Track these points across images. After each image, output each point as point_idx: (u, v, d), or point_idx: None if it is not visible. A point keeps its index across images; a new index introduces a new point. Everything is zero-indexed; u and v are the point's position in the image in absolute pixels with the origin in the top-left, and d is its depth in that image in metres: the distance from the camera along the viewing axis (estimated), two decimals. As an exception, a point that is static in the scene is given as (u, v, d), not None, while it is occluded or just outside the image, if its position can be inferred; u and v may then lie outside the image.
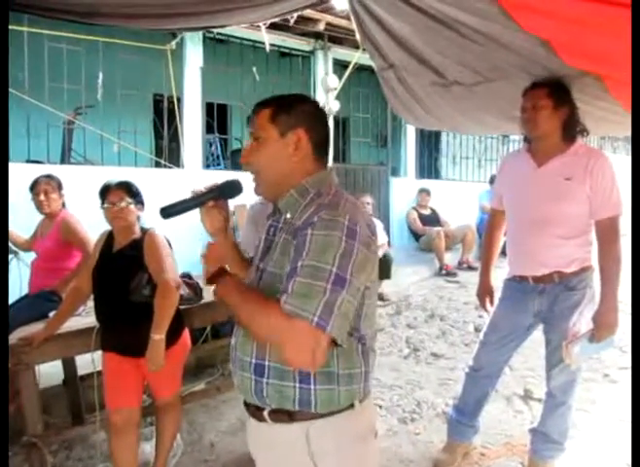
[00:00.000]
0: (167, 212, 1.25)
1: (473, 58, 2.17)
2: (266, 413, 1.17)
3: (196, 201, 1.27)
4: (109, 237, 2.29)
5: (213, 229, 1.32)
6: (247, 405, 1.24)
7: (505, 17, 1.62)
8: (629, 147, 11.80)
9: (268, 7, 2.26)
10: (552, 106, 2.11)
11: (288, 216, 1.18)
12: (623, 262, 2.08)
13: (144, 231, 2.24)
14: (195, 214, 1.31)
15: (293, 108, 1.19)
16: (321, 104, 1.28)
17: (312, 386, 1.11)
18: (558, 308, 2.20)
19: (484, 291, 2.51)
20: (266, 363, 1.13)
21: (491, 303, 2.48)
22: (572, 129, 2.17)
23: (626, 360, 3.74)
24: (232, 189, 1.30)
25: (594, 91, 2.11)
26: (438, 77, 2.44)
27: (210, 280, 1.18)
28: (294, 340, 1.00)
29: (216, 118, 6.07)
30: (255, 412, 1.20)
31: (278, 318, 1.01)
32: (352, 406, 1.16)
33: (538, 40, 1.74)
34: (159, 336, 2.06)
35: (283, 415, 1.15)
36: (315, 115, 1.22)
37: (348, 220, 1.06)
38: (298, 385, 1.11)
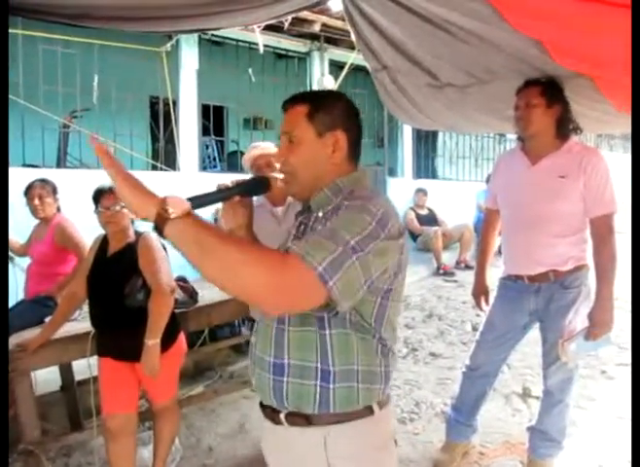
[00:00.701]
0: (197, 202, 1.16)
1: (465, 60, 2.17)
2: (282, 416, 1.14)
3: (224, 195, 1.21)
4: (103, 242, 2.28)
5: (236, 224, 1.25)
6: (263, 406, 1.20)
7: (497, 18, 1.62)
8: (627, 145, 11.83)
9: (264, 9, 2.25)
10: (545, 104, 2.11)
11: (320, 214, 1.14)
12: (618, 259, 2.08)
13: (138, 234, 2.23)
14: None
15: (330, 107, 1.16)
16: None
17: (332, 385, 1.08)
18: (554, 307, 2.20)
19: (480, 290, 2.51)
20: (286, 361, 1.10)
21: (486, 302, 2.48)
22: (565, 127, 2.17)
23: (624, 357, 3.75)
24: (260, 186, 1.26)
25: (588, 92, 2.11)
26: (431, 78, 2.44)
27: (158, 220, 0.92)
28: (283, 273, 0.90)
29: (212, 120, 6.07)
30: (271, 414, 1.17)
31: (270, 252, 0.95)
32: (372, 411, 1.13)
33: (530, 40, 1.74)
34: (153, 341, 2.05)
35: (300, 419, 1.12)
36: (351, 114, 1.19)
37: (381, 213, 1.03)
38: (319, 383, 1.08)
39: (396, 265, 1.08)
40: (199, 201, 1.16)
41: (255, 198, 2.33)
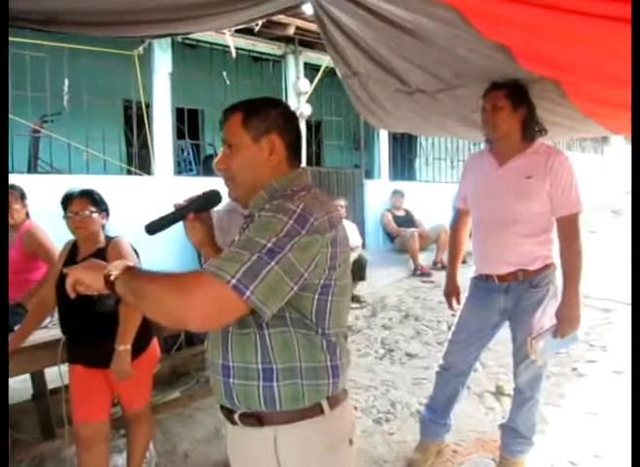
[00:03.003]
0: (152, 228, 1.24)
1: (434, 65, 2.20)
2: (236, 417, 1.17)
3: (177, 215, 1.26)
4: (73, 247, 2.25)
5: (198, 240, 1.33)
6: (221, 408, 1.23)
7: (464, 23, 1.65)
8: (597, 146, 12.09)
9: (235, 14, 2.25)
10: (511, 107, 2.16)
11: (257, 216, 1.13)
12: (583, 258, 2.14)
13: (109, 239, 2.21)
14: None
15: (264, 113, 1.19)
16: (293, 108, 1.29)
17: (275, 383, 1.10)
18: (523, 306, 2.25)
19: (451, 290, 2.55)
20: (231, 364, 1.13)
21: (458, 302, 2.52)
22: (531, 129, 2.22)
23: (594, 354, 3.84)
24: (212, 199, 1.30)
25: (553, 97, 2.15)
26: (401, 84, 2.46)
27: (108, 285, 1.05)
28: (199, 293, 0.96)
29: (187, 123, 6.03)
30: (228, 414, 1.20)
31: (184, 276, 1.01)
32: (322, 410, 1.13)
33: (498, 45, 1.77)
34: (123, 346, 2.03)
35: (252, 419, 1.14)
36: (286, 118, 1.23)
37: (301, 208, 1.05)
38: (261, 384, 1.10)
39: (327, 259, 1.08)
40: (156, 226, 1.23)
41: (226, 204, 2.34)
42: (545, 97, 2.19)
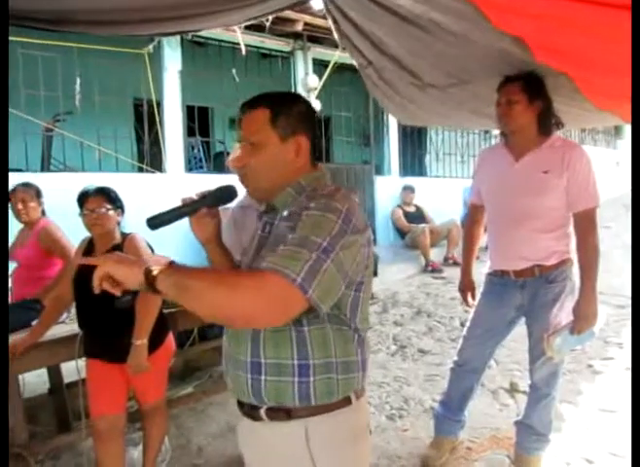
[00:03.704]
0: (155, 222, 1.16)
1: (445, 60, 2.19)
2: (262, 412, 1.15)
3: (188, 209, 1.20)
4: (89, 244, 2.27)
5: (205, 237, 1.27)
6: (241, 404, 1.21)
7: (477, 16, 1.63)
8: (609, 139, 11.97)
9: (245, 10, 2.25)
10: (527, 100, 2.13)
11: (285, 213, 1.15)
12: (600, 253, 2.12)
13: (124, 236, 2.22)
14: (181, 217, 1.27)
15: (292, 112, 1.17)
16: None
17: (311, 378, 1.10)
18: (539, 302, 2.23)
19: (466, 286, 2.53)
20: (263, 360, 1.11)
21: (473, 297, 2.51)
22: (547, 123, 2.19)
23: (610, 351, 3.80)
24: (227, 194, 1.24)
25: (566, 91, 2.13)
26: (414, 78, 2.45)
27: (149, 282, 0.98)
28: (266, 291, 0.95)
29: (197, 121, 6.05)
30: (250, 411, 1.18)
31: (248, 274, 0.99)
32: (350, 401, 1.16)
33: (511, 38, 1.76)
34: (140, 341, 2.05)
35: (281, 413, 1.13)
36: (311, 116, 1.21)
37: (346, 208, 1.06)
38: (297, 379, 1.10)
39: (365, 257, 1.11)
40: (161, 219, 1.15)
41: (241, 200, 2.33)
42: (559, 92, 2.16)
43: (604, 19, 1.34)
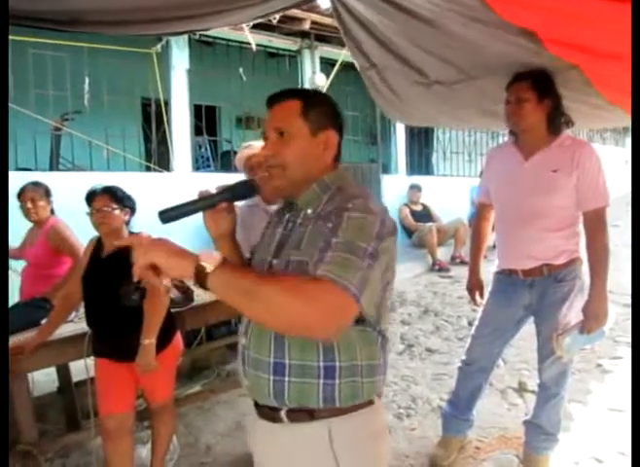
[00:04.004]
0: (167, 216, 1.11)
1: (454, 55, 2.18)
2: (283, 413, 1.12)
3: (207, 203, 1.16)
4: (98, 243, 2.28)
5: (218, 233, 1.24)
6: (258, 406, 1.18)
7: (485, 10, 1.62)
8: (618, 138, 11.88)
9: (253, 8, 2.26)
10: (536, 98, 2.11)
11: (309, 211, 1.14)
12: (610, 252, 2.10)
13: (132, 235, 2.23)
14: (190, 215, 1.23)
15: (323, 106, 1.17)
16: None
17: (337, 381, 1.08)
18: (548, 301, 2.22)
19: (474, 285, 2.52)
20: (287, 361, 1.08)
21: (481, 296, 2.50)
22: (557, 121, 2.18)
23: (619, 350, 3.78)
24: (248, 189, 1.20)
25: (579, 86, 2.11)
26: (420, 76, 2.44)
27: (198, 278, 0.95)
28: (325, 302, 0.94)
29: (205, 120, 6.06)
30: (269, 413, 1.15)
31: (308, 282, 0.95)
32: (372, 402, 1.15)
33: (521, 31, 1.74)
34: (148, 340, 2.06)
35: (303, 414, 1.11)
36: (339, 115, 1.21)
37: (381, 210, 1.07)
38: (322, 381, 1.07)
39: (393, 259, 1.11)
40: (174, 213, 1.11)
41: (248, 199, 2.33)
42: (568, 87, 2.14)
43: (612, 12, 1.33)
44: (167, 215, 1.12)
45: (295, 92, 1.19)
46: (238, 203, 1.99)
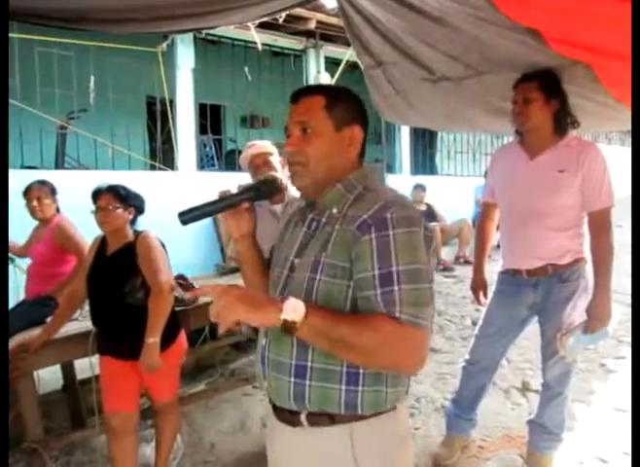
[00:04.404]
0: (187, 217, 1.09)
1: (461, 50, 2.17)
2: (303, 417, 1.10)
3: (229, 202, 1.13)
4: (103, 241, 2.29)
5: (241, 233, 1.21)
6: (277, 409, 1.16)
7: (492, 8, 1.62)
8: (624, 138, 11.83)
9: (259, 6, 2.26)
10: (544, 99, 2.11)
11: (334, 211, 1.11)
12: (615, 253, 2.10)
13: (137, 233, 2.24)
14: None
15: (348, 102, 1.14)
16: None
17: (360, 388, 1.05)
18: (552, 301, 2.22)
19: (478, 284, 2.52)
20: (309, 364, 1.06)
21: (485, 296, 2.50)
22: (563, 122, 2.17)
23: (623, 350, 3.77)
24: (271, 187, 1.18)
25: (585, 82, 2.10)
26: (427, 72, 2.44)
27: (286, 329, 0.94)
28: (413, 347, 0.99)
29: (209, 119, 6.07)
30: (288, 416, 1.13)
31: (395, 328, 0.96)
32: (395, 407, 1.12)
33: (526, 29, 1.74)
34: (153, 339, 2.07)
35: (324, 418, 1.08)
36: (364, 111, 1.18)
37: (418, 215, 1.06)
38: (344, 387, 1.05)
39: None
40: (194, 214, 1.09)
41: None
42: (574, 83, 2.13)
43: (616, 11, 1.33)
44: (188, 216, 1.10)
45: (319, 88, 1.17)
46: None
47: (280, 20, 5.31)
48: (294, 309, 0.93)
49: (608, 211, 2.12)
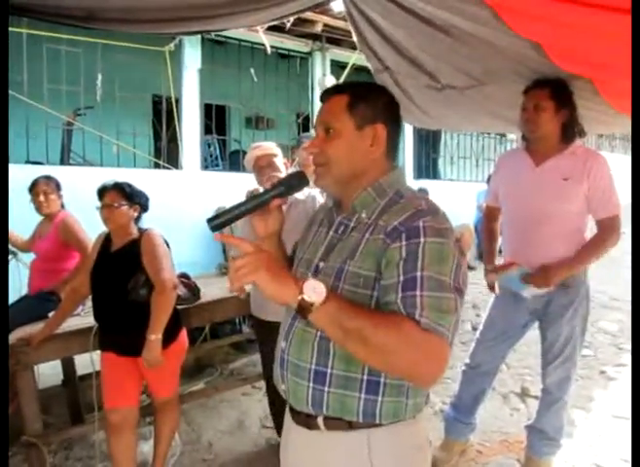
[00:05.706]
0: (217, 223, 1.06)
1: (466, 61, 2.18)
2: (320, 421, 1.08)
3: (259, 201, 1.10)
4: (107, 238, 2.30)
5: (268, 232, 1.19)
6: (294, 412, 1.15)
7: (496, 21, 1.64)
8: (628, 145, 11.83)
9: (268, 11, 2.27)
10: (554, 108, 2.11)
11: (363, 215, 1.09)
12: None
13: (142, 231, 2.25)
14: (194, 213, 1.20)
15: (372, 99, 1.10)
16: (320, 105, 1.19)
17: (380, 398, 1.03)
18: (553, 306, 2.22)
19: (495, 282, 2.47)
20: (329, 370, 1.04)
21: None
22: (571, 131, 2.17)
23: (623, 358, 3.77)
24: (298, 181, 1.15)
25: (586, 94, 2.12)
26: (431, 80, 2.45)
27: (301, 312, 0.92)
28: (432, 354, 0.92)
29: (214, 119, 6.09)
30: (305, 419, 1.11)
31: (413, 330, 0.91)
32: (414, 416, 1.10)
33: (529, 42, 1.76)
34: (155, 336, 2.08)
35: (341, 423, 1.06)
36: (393, 109, 1.14)
37: (448, 222, 1.03)
38: (363, 396, 1.03)
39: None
40: (225, 218, 1.06)
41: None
42: (580, 95, 2.14)
43: (617, 25, 1.34)
44: (217, 222, 1.06)
45: (346, 86, 1.13)
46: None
47: (288, 24, 5.32)
48: (314, 290, 0.90)
49: (616, 219, 2.13)
